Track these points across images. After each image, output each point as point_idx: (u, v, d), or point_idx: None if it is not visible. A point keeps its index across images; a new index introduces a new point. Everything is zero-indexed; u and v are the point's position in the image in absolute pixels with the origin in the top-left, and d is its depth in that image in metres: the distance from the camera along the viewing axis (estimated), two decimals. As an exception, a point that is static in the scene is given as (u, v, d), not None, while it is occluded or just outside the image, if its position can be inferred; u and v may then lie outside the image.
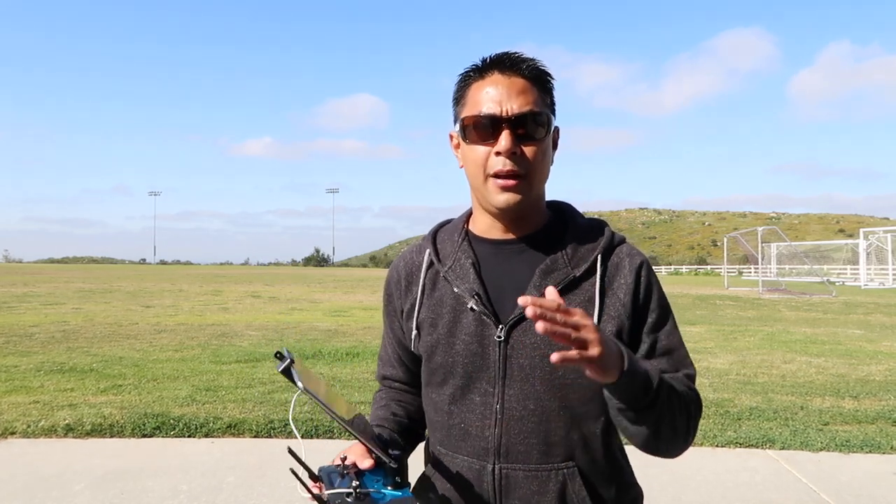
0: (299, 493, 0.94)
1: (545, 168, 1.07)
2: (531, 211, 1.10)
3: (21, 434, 4.54)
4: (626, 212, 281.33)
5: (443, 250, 1.17)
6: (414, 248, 1.23)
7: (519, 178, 1.03)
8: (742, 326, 12.19)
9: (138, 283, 30.06)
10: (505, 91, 1.03)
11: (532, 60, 1.07)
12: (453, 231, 1.18)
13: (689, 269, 77.59)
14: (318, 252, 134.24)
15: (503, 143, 1.01)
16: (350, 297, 21.05)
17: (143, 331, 10.67)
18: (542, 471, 1.03)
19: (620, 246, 1.12)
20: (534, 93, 1.04)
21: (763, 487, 3.71)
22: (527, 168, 1.03)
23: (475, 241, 1.14)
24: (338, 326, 11.66)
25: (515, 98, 1.02)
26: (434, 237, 1.21)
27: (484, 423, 1.05)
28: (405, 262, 1.22)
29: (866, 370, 7.35)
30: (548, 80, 1.08)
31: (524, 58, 1.06)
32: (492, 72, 1.06)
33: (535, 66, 1.06)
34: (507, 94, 1.03)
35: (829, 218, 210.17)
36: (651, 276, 1.10)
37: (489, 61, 1.07)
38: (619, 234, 1.14)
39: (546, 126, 1.05)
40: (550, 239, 1.10)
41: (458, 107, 1.10)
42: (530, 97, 1.03)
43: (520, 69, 1.05)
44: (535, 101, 1.04)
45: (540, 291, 1.04)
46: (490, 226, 1.12)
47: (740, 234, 32.67)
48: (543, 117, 1.04)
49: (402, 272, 1.21)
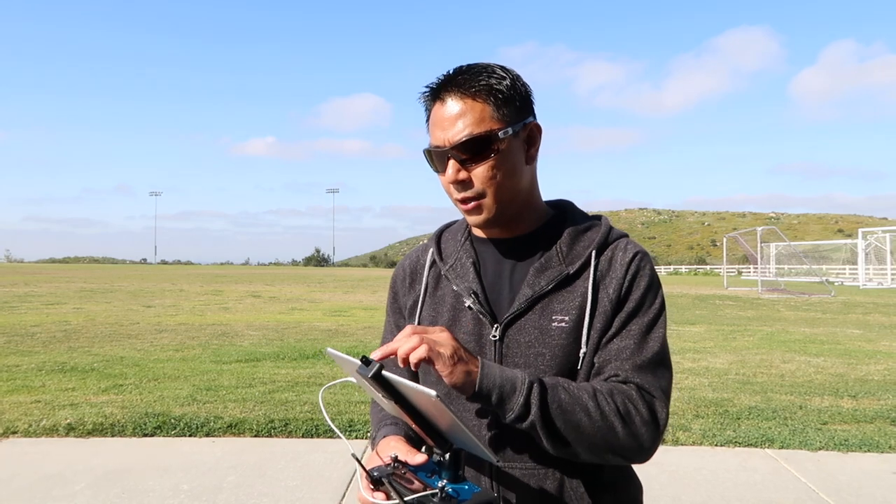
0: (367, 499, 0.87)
1: (508, 179, 1.04)
2: (515, 216, 1.10)
3: (23, 433, 4.55)
4: (625, 212, 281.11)
5: (446, 250, 1.19)
6: (420, 247, 1.26)
7: (475, 200, 1.04)
8: (741, 326, 12.20)
9: (139, 282, 30.04)
10: (446, 118, 1.02)
11: (469, 76, 1.02)
12: (457, 231, 1.21)
13: (689, 269, 77.54)
14: (318, 252, 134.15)
15: (448, 173, 1.03)
16: (350, 296, 21.05)
17: (144, 330, 10.67)
18: (539, 470, 1.03)
19: (617, 241, 1.11)
20: (473, 113, 1.01)
21: (762, 487, 3.72)
22: (480, 190, 1.03)
23: (477, 241, 1.16)
24: (338, 326, 11.67)
25: (453, 125, 1.01)
26: (439, 237, 1.23)
27: (480, 422, 1.06)
28: (411, 260, 1.25)
29: (865, 370, 7.36)
30: (500, 87, 1.03)
31: (461, 77, 1.03)
32: (441, 94, 1.04)
33: (473, 81, 1.02)
34: (450, 121, 1.02)
35: (829, 218, 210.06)
36: (642, 266, 1.07)
37: (439, 84, 1.05)
38: (617, 230, 1.13)
39: (494, 142, 1.01)
40: (548, 237, 1.11)
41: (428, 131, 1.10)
42: (468, 119, 1.01)
43: (457, 91, 1.02)
44: (473, 121, 1.00)
45: (534, 290, 1.05)
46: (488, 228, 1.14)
47: (740, 234, 32.65)
48: (487, 136, 1.00)
49: (407, 270, 1.24)
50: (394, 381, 0.85)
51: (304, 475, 3.81)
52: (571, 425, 0.95)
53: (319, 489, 3.62)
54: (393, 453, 0.92)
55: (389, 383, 0.86)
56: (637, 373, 1.01)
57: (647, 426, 0.97)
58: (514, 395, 0.93)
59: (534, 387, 0.94)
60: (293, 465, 4.00)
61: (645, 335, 1.03)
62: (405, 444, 0.98)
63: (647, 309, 1.05)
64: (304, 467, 3.96)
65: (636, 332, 1.03)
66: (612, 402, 0.97)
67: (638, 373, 1.01)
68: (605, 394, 0.97)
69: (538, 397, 0.94)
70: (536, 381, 0.95)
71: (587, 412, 0.95)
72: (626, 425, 0.96)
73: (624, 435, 0.96)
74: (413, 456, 0.92)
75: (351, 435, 4.56)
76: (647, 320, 1.04)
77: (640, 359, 1.01)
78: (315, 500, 3.49)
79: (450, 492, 0.84)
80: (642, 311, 1.05)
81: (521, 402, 0.93)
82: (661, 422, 0.99)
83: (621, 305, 1.04)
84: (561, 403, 0.95)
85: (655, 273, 1.09)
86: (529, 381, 0.94)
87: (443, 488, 0.84)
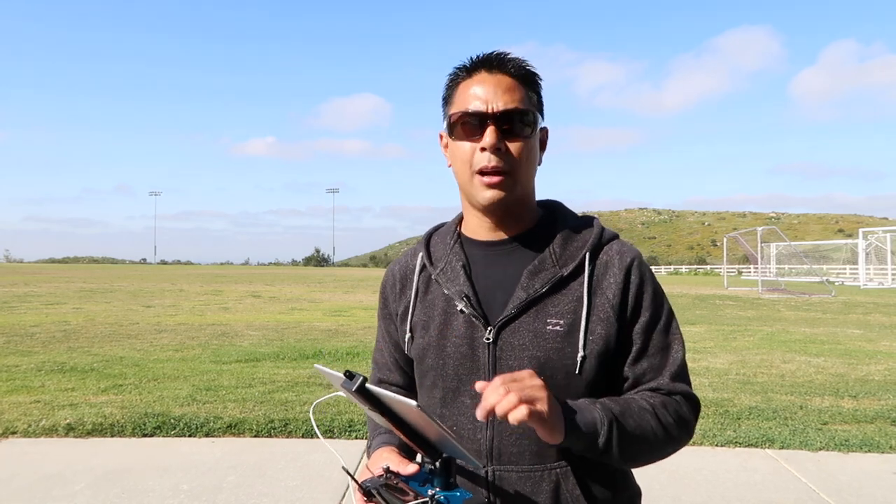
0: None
1: (531, 166, 1.07)
2: (518, 209, 1.10)
3: (22, 433, 4.55)
4: (625, 212, 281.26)
5: (435, 253, 1.17)
6: (409, 251, 1.24)
7: (504, 175, 1.03)
8: (741, 326, 12.19)
9: (139, 282, 30.05)
10: (491, 89, 1.04)
11: (519, 60, 1.07)
12: (446, 234, 1.19)
13: (689, 269, 77.56)
14: (318, 252, 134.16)
15: (488, 138, 1.02)
16: (350, 296, 21.05)
17: (144, 331, 10.67)
18: (536, 471, 1.03)
19: (611, 243, 1.10)
20: (520, 91, 1.05)
21: (762, 487, 3.72)
22: (511, 164, 1.03)
23: (467, 243, 1.15)
24: (338, 326, 11.66)
25: (501, 96, 1.03)
26: (428, 240, 1.21)
27: (476, 425, 1.05)
28: (400, 265, 1.23)
29: (865, 370, 7.36)
30: (535, 80, 1.09)
31: (511, 57, 1.07)
32: (479, 71, 1.07)
33: (522, 65, 1.07)
34: (494, 92, 1.04)
35: (829, 218, 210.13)
36: (643, 272, 1.08)
37: (476, 61, 1.08)
38: (609, 231, 1.13)
39: (532, 125, 1.05)
40: (540, 238, 1.10)
41: (447, 106, 1.11)
42: (516, 95, 1.04)
43: (506, 68, 1.06)
44: (521, 98, 1.04)
45: (528, 292, 1.04)
46: (479, 226, 1.13)
47: (740, 234, 32.65)
48: (529, 115, 1.05)
49: (396, 275, 1.22)
50: (377, 393, 0.85)
51: (303, 475, 3.81)
52: (645, 448, 1.01)
53: (319, 489, 3.61)
54: (385, 464, 0.93)
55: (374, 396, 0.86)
56: (674, 382, 1.07)
57: (695, 418, 1.09)
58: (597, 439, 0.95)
59: (613, 426, 0.97)
60: (293, 465, 4.00)
61: (671, 345, 1.08)
62: (397, 455, 0.98)
63: (663, 317, 1.09)
64: (303, 467, 3.95)
65: (662, 345, 1.08)
66: (670, 415, 1.03)
67: (675, 380, 1.07)
68: (661, 408, 1.04)
69: (617, 436, 0.97)
70: (613, 418, 0.97)
71: (654, 431, 1.01)
72: (682, 430, 1.05)
73: (683, 439, 1.05)
74: (405, 466, 0.92)
75: (351, 435, 4.56)
76: (665, 327, 1.08)
77: (673, 370, 1.07)
78: (315, 500, 3.49)
79: (440, 499, 0.85)
80: (661, 321, 1.08)
81: (602, 442, 0.96)
82: (699, 409, 1.11)
83: (635, 317, 1.07)
84: (633, 431, 0.99)
85: (653, 273, 1.11)
86: (609, 421, 0.96)
87: (433, 496, 0.85)
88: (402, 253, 1.28)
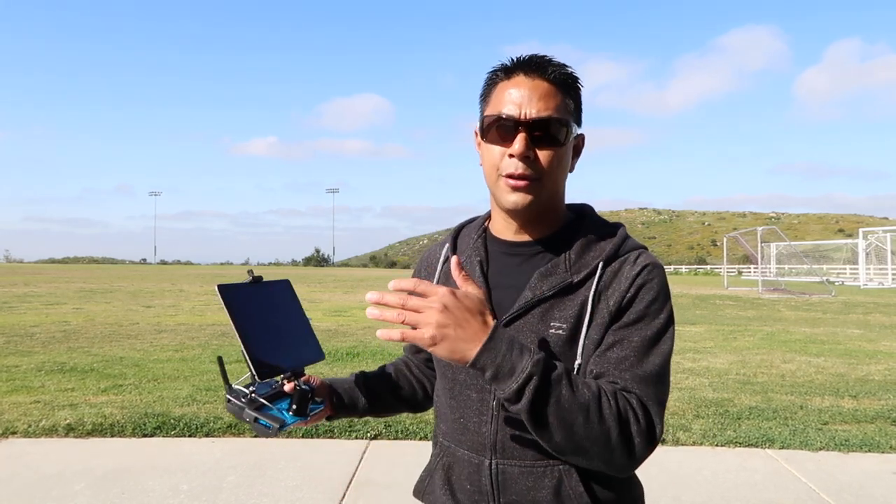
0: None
1: (561, 174, 1.06)
2: (544, 214, 1.10)
3: (22, 434, 4.55)
4: (625, 212, 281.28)
5: (460, 246, 1.21)
6: (441, 241, 1.28)
7: (530, 181, 1.03)
8: (742, 326, 12.20)
9: (139, 283, 30.05)
10: (527, 94, 1.02)
11: (560, 65, 1.05)
12: (473, 229, 1.22)
13: (689, 269, 77.53)
14: (318, 252, 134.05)
15: (517, 146, 1.01)
16: (350, 296, 21.06)
17: (144, 331, 10.67)
18: (538, 467, 1.03)
19: (629, 254, 1.07)
20: (557, 98, 1.03)
21: (763, 487, 3.72)
22: (539, 172, 1.03)
23: (490, 241, 1.17)
24: (338, 326, 11.66)
25: (536, 102, 1.02)
26: (457, 234, 1.25)
27: (481, 418, 1.07)
28: (429, 253, 1.29)
29: (865, 370, 7.36)
30: (575, 87, 1.07)
31: (553, 62, 1.05)
32: (517, 73, 1.05)
33: (562, 70, 1.05)
34: (529, 98, 1.02)
35: (829, 218, 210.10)
36: (649, 280, 1.03)
37: (516, 62, 1.06)
38: (633, 242, 1.10)
39: (565, 132, 1.03)
40: (561, 243, 1.09)
41: (483, 105, 1.10)
42: (552, 102, 1.02)
43: (545, 73, 1.04)
44: (556, 106, 1.03)
45: (535, 293, 1.04)
46: (505, 226, 1.13)
47: (740, 234, 32.64)
48: (563, 123, 1.03)
49: (423, 263, 1.28)
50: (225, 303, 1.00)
51: (304, 475, 3.81)
52: (565, 423, 0.91)
53: (319, 489, 3.61)
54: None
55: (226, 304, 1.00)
56: (638, 384, 0.97)
57: (643, 437, 0.94)
58: (509, 379, 0.90)
59: (532, 379, 0.90)
60: (293, 465, 4.00)
61: (648, 348, 1.00)
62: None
63: (651, 321, 1.01)
64: (304, 467, 3.96)
65: (638, 344, 1.00)
66: (615, 405, 0.93)
67: (638, 384, 0.97)
68: (610, 395, 0.94)
69: (534, 390, 0.90)
70: (539, 373, 0.90)
71: (586, 413, 0.91)
72: (622, 431, 0.93)
73: (617, 441, 0.92)
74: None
75: (351, 435, 4.56)
76: (650, 333, 1.01)
77: (641, 370, 0.98)
78: (315, 500, 3.49)
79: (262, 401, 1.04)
80: (644, 322, 1.01)
81: (513, 388, 0.90)
82: (656, 436, 0.96)
83: (620, 315, 1.02)
84: (559, 399, 0.91)
85: (666, 287, 1.05)
86: (530, 373, 0.90)
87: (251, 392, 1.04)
88: (435, 242, 1.31)
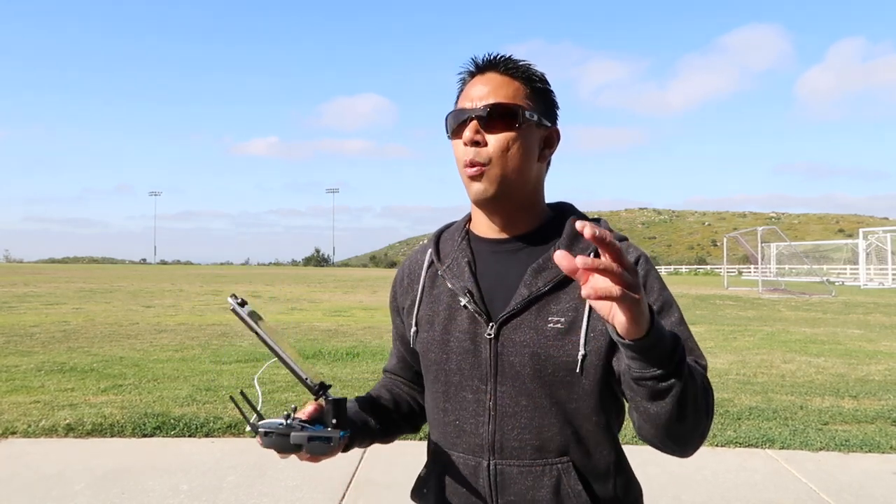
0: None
1: (517, 161, 1.05)
2: (520, 209, 1.11)
3: (22, 434, 4.55)
4: (625, 212, 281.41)
5: (443, 249, 1.19)
6: (420, 248, 1.27)
7: (482, 166, 1.05)
8: (742, 326, 12.20)
9: (139, 282, 30.05)
10: (480, 87, 1.07)
11: (513, 60, 1.09)
12: (455, 231, 1.21)
13: (689, 269, 77.58)
14: (318, 252, 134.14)
15: (466, 133, 1.05)
16: (350, 297, 21.06)
17: (144, 331, 10.67)
18: (537, 466, 1.03)
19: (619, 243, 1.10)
20: (509, 88, 1.06)
21: (763, 487, 3.72)
22: (489, 157, 1.04)
23: (474, 241, 1.16)
24: (338, 326, 11.66)
25: (488, 93, 1.05)
26: (438, 237, 1.24)
27: (478, 420, 1.07)
28: (410, 261, 1.26)
29: (866, 370, 7.36)
30: (530, 77, 1.09)
31: (508, 58, 1.09)
32: (475, 73, 1.10)
33: (515, 64, 1.08)
34: (481, 91, 1.06)
35: (829, 218, 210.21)
36: (648, 270, 1.07)
37: (478, 60, 1.11)
38: (617, 233, 1.11)
39: (517, 118, 1.05)
40: (546, 238, 1.11)
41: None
42: (502, 91, 1.05)
43: (497, 68, 1.08)
44: (507, 94, 1.05)
45: (531, 290, 1.05)
46: (486, 225, 1.14)
47: (740, 234, 32.66)
48: (511, 108, 1.04)
49: (405, 271, 1.26)
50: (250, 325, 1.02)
51: (303, 475, 3.81)
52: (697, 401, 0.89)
53: (319, 489, 3.61)
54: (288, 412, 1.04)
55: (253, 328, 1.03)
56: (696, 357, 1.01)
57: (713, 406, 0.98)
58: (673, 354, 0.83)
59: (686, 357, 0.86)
60: (293, 465, 3.99)
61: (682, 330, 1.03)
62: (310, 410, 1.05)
63: (673, 305, 1.05)
64: (303, 467, 3.95)
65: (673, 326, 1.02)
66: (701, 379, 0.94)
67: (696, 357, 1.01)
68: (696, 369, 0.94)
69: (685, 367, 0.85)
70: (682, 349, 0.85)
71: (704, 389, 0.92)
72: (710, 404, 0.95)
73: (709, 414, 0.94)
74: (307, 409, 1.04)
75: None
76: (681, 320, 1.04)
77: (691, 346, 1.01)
78: (315, 500, 3.49)
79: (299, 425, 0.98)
80: (671, 308, 1.04)
81: (675, 361, 0.83)
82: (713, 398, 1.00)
83: None
84: (693, 373, 0.88)
85: (658, 273, 1.10)
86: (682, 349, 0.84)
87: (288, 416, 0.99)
88: (414, 249, 1.30)
